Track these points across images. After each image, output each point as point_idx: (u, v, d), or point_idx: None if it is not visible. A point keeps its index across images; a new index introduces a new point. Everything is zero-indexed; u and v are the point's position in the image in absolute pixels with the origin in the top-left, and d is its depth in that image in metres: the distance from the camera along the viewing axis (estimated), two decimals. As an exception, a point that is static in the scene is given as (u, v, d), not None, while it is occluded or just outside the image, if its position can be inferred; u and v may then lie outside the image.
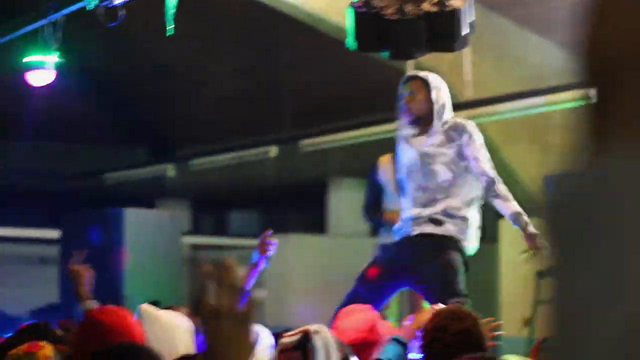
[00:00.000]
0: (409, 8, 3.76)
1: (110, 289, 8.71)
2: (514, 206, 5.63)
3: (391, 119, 10.17)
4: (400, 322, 5.64)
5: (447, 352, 3.59)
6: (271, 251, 4.75)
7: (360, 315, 4.57)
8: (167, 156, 14.01)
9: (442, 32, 3.80)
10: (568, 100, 9.46)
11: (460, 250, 5.68)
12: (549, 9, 10.12)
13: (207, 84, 12.80)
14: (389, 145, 9.33)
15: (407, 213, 5.81)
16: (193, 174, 13.42)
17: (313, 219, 14.51)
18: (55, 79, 8.40)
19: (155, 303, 6.48)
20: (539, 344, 8.01)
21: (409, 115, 5.80)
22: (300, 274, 13.10)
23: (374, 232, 13.00)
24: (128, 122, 14.40)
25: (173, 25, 5.12)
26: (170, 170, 13.57)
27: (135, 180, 14.30)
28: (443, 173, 5.72)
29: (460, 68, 9.85)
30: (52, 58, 8.08)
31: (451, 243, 5.65)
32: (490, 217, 5.93)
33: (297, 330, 3.63)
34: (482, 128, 9.10)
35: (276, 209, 15.60)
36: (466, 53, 9.45)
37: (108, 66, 11.60)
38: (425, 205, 5.73)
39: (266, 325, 4.41)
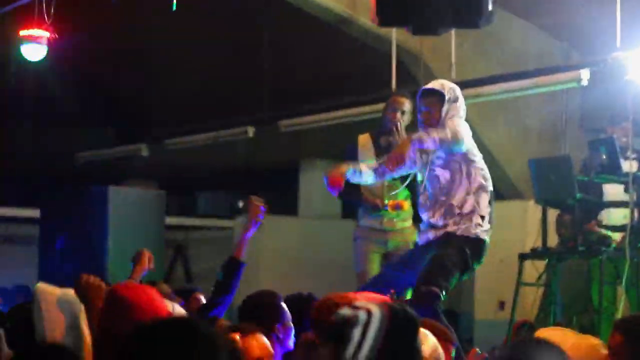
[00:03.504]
0: (434, -18, 3.71)
1: (93, 266, 8.56)
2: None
3: (367, 102, 10.21)
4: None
5: None
6: (261, 217, 4.99)
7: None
8: (142, 136, 13.88)
9: (467, 7, 3.73)
10: (548, 83, 9.47)
11: (461, 248, 5.68)
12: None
13: (185, 64, 12.68)
14: (362, 127, 9.29)
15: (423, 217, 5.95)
16: (167, 154, 13.31)
17: (285, 201, 14.41)
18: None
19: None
20: (518, 325, 8.02)
21: (424, 129, 5.80)
22: (271, 255, 13.04)
23: (346, 214, 12.99)
24: (103, 102, 14.23)
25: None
26: (143, 150, 13.46)
27: (107, 160, 14.17)
28: (442, 175, 5.82)
29: (443, 50, 9.80)
30: (45, 33, 8.02)
31: (452, 239, 5.70)
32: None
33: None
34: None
35: (248, 191, 15.42)
36: (449, 35, 9.40)
37: (85, 47, 11.41)
38: (429, 209, 5.86)
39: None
